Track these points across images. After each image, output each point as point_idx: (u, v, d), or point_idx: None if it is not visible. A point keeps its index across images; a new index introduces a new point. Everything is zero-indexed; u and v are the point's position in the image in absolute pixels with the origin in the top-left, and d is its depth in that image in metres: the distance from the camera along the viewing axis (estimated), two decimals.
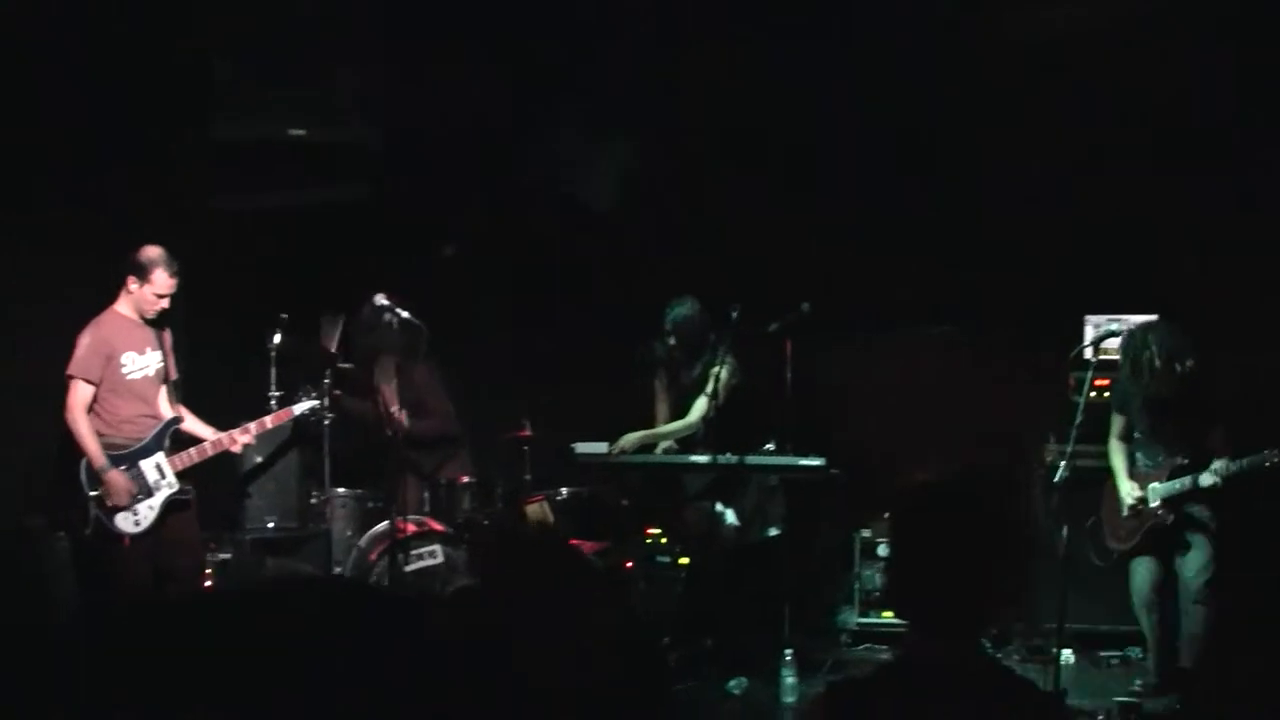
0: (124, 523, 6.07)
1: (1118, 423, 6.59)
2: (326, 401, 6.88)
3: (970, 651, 2.29)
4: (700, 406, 7.10)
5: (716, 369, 6.93)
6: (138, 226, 6.54)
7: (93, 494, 6.02)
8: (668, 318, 7.25)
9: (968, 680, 2.23)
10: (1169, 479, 6.32)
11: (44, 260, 6.57)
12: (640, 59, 7.44)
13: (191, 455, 6.34)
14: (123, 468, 6.09)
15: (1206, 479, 6.18)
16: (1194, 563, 6.29)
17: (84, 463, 6.03)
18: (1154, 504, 6.34)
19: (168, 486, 6.20)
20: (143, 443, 6.19)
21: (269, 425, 6.62)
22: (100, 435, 6.08)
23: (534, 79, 7.57)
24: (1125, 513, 6.46)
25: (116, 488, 6.02)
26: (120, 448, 6.13)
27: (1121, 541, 6.54)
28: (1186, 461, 6.29)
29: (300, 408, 6.77)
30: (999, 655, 6.46)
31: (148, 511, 6.13)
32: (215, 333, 7.01)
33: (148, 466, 6.17)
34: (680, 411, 7.35)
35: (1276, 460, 6.00)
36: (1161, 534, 6.37)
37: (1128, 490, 6.46)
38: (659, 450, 7.26)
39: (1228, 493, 6.21)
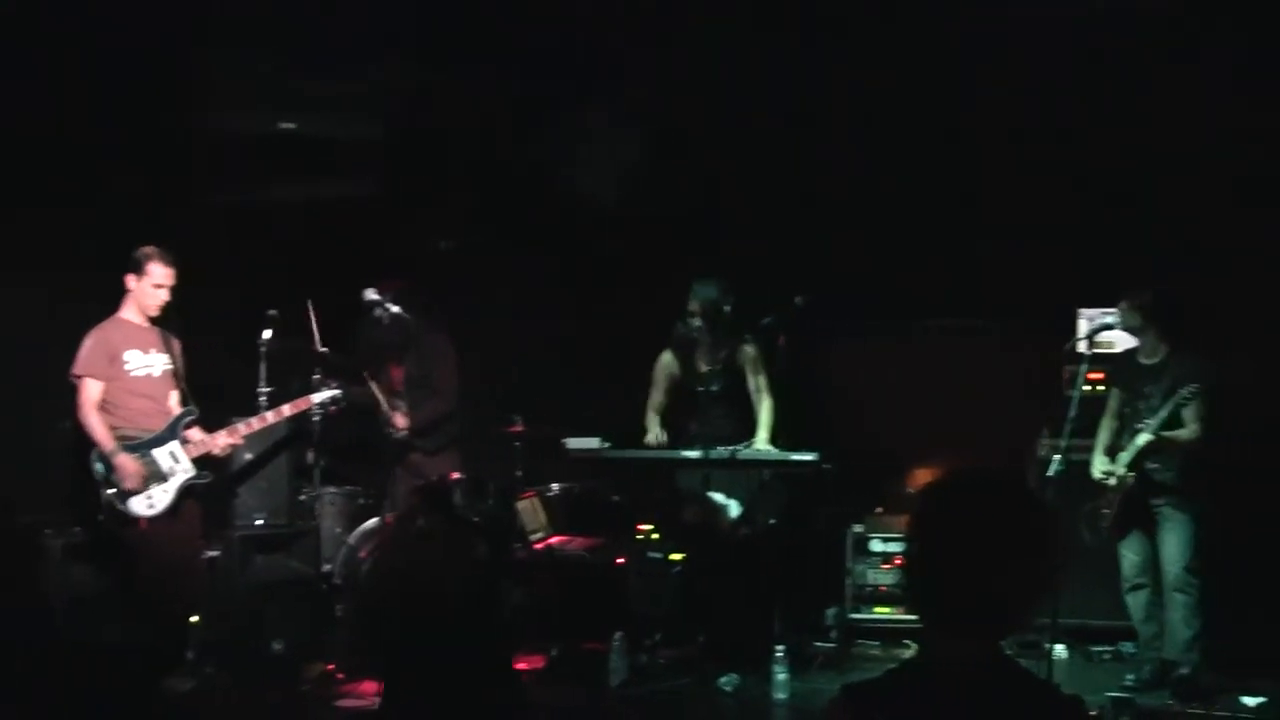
0: (137, 505, 6.17)
1: (1112, 399, 6.61)
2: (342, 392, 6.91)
3: (993, 652, 2.19)
4: (765, 385, 7.06)
5: (750, 349, 6.93)
6: (134, 222, 6.53)
7: (105, 481, 6.12)
8: (695, 297, 7.04)
9: (990, 682, 2.15)
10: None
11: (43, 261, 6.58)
12: (647, 53, 7.39)
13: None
14: (135, 455, 6.20)
15: (1141, 437, 6.21)
16: (1172, 549, 6.29)
17: (94, 452, 6.13)
18: (1121, 472, 6.34)
19: (184, 472, 6.32)
20: (156, 433, 6.31)
21: (286, 413, 6.71)
22: (115, 429, 6.20)
23: (542, 74, 7.52)
24: (1101, 485, 6.46)
25: (126, 470, 6.13)
26: (133, 438, 6.25)
27: (1109, 521, 6.51)
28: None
29: (320, 396, 6.83)
30: None
31: (162, 495, 6.24)
32: (204, 329, 6.94)
33: (161, 454, 6.29)
34: (680, 397, 7.25)
35: (1191, 393, 6.08)
36: (1134, 505, 6.35)
37: (1098, 465, 6.46)
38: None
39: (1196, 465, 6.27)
